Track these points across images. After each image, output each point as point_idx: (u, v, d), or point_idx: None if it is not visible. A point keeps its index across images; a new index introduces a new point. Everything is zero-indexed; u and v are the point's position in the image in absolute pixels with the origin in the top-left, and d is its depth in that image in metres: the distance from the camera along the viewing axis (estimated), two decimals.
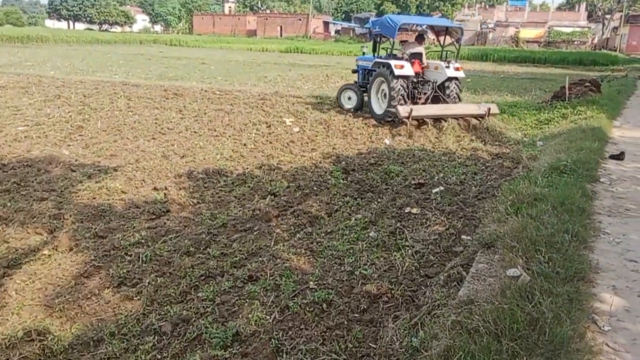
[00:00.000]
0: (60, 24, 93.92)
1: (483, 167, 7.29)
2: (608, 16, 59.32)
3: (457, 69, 10.29)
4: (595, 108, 10.98)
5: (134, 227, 4.73)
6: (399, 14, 69.25)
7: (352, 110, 11.23)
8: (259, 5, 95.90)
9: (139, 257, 4.08)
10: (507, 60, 37.75)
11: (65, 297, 3.52)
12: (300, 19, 72.31)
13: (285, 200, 5.63)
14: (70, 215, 4.88)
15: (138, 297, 3.55)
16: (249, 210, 5.27)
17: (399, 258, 4.16)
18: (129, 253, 4.17)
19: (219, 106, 11.88)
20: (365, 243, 4.49)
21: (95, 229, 4.57)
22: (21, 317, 3.28)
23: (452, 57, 10.70)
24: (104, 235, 4.50)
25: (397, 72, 9.74)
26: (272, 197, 5.77)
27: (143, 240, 4.43)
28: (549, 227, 3.77)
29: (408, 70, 9.90)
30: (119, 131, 8.83)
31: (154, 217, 5.06)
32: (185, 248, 4.31)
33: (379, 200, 5.73)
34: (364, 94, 11.17)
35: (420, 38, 11.30)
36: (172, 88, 14.76)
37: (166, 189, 5.86)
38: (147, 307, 3.42)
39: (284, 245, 4.45)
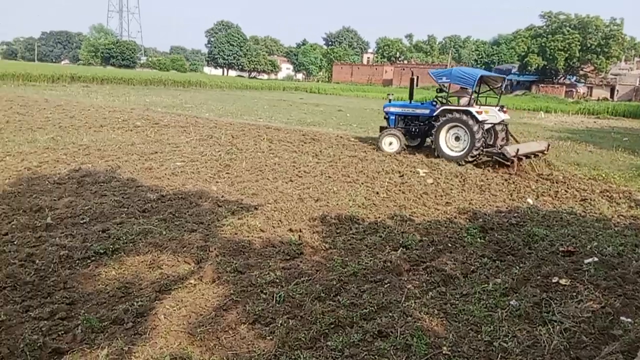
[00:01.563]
0: (216, 71, 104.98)
1: None
2: None
3: (505, 112, 12.10)
4: None
5: (269, 266, 4.91)
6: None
7: (394, 154, 12.22)
8: (397, 56, 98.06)
9: (273, 297, 4.21)
10: None
11: (206, 327, 3.72)
12: None
13: (418, 254, 5.47)
14: (215, 248, 5.22)
15: (271, 337, 3.63)
16: (379, 261, 5.19)
17: (544, 334, 3.76)
18: (264, 291, 4.32)
19: (353, 152, 12.16)
20: (506, 312, 4.14)
21: (236, 264, 4.83)
22: (167, 341, 3.52)
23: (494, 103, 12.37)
24: (243, 270, 4.73)
25: (480, 117, 11.23)
26: (404, 249, 5.64)
27: (277, 280, 4.56)
28: None
29: (488, 116, 11.50)
30: (261, 172, 9.41)
31: (288, 257, 5.22)
32: (316, 293, 4.35)
33: (520, 265, 5.30)
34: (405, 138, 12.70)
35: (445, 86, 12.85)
36: (309, 133, 15.49)
37: (301, 231, 6.04)
38: (279, 349, 3.47)
39: (415, 302, 4.28)
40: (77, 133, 12.76)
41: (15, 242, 5.05)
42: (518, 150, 10.53)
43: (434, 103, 12.74)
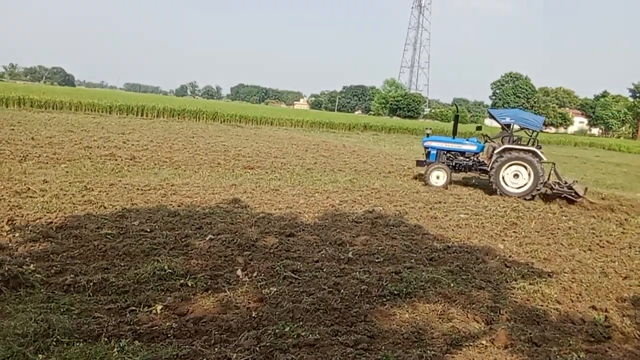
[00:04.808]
0: (498, 124, 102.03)
1: None
2: None
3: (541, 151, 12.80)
4: None
5: (569, 344, 4.39)
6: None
7: (442, 187, 12.97)
8: None
9: None
10: None
11: None
12: None
13: None
14: (506, 312, 4.96)
15: None
16: None
17: None
18: None
19: None
20: None
21: (530, 333, 4.47)
22: None
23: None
24: (539, 343, 4.34)
25: (544, 158, 12.65)
26: None
27: None
28: None
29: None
30: (553, 235, 8.64)
31: (592, 339, 4.57)
32: None
33: None
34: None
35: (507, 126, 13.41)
36: (610, 197, 13.58)
37: (607, 310, 5.24)
38: None
39: None
40: (369, 177, 14.11)
41: (324, 270, 5.78)
42: (586, 189, 12.60)
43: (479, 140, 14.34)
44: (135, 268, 5.24)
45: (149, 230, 6.70)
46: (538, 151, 12.58)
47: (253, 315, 4.38)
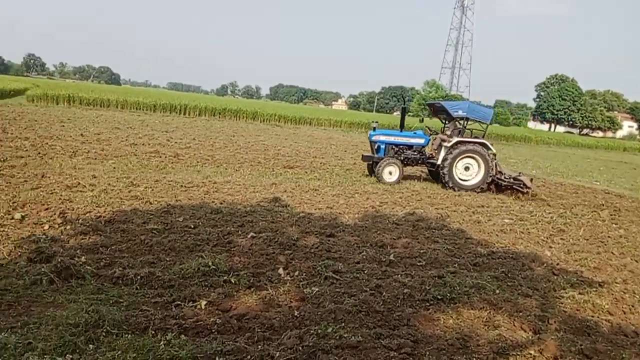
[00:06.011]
0: (541, 126, 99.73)
1: None
2: None
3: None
4: None
5: (622, 357, 4.20)
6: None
7: (395, 183, 12.61)
8: None
9: None
10: None
11: None
12: None
13: None
14: (555, 322, 4.79)
15: None
16: None
17: None
18: None
19: None
20: None
21: (581, 345, 4.30)
22: None
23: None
24: (590, 355, 4.16)
25: (494, 150, 12.88)
26: None
27: None
28: None
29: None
30: (603, 243, 8.29)
31: None
32: None
33: None
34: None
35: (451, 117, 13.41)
36: None
37: None
38: None
39: None
40: (409, 178, 13.93)
41: (365, 272, 5.73)
42: (532, 179, 13.05)
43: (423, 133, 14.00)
44: (180, 263, 5.34)
45: (192, 226, 6.82)
46: (488, 143, 12.80)
47: (295, 314, 4.39)
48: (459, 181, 12.71)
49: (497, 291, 5.47)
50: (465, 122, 13.46)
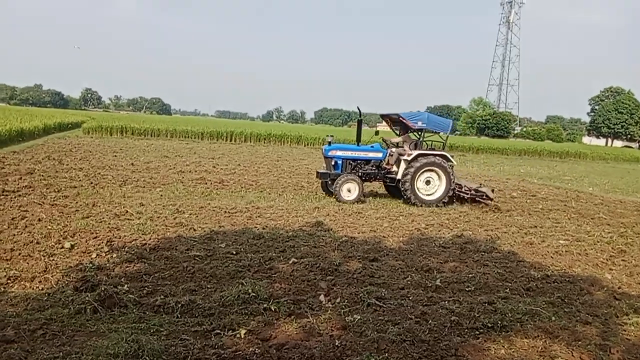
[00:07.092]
0: (597, 141, 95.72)
1: None
2: None
3: None
4: None
5: None
6: None
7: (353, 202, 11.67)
8: None
9: None
10: None
11: None
12: None
13: None
14: (617, 351, 4.41)
15: None
16: None
17: None
18: None
19: None
20: None
21: None
22: None
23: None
24: None
25: (454, 162, 12.64)
26: None
27: None
28: None
29: None
30: None
31: None
32: None
33: None
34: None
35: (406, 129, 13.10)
36: None
37: None
38: None
39: None
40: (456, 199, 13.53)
41: (410, 298, 5.51)
42: (493, 190, 12.74)
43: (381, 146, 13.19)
44: (220, 290, 5.31)
45: (234, 252, 6.81)
46: (448, 155, 12.47)
47: (336, 344, 4.23)
48: (421, 196, 12.23)
49: (553, 318, 5.12)
50: (423, 134, 12.89)
